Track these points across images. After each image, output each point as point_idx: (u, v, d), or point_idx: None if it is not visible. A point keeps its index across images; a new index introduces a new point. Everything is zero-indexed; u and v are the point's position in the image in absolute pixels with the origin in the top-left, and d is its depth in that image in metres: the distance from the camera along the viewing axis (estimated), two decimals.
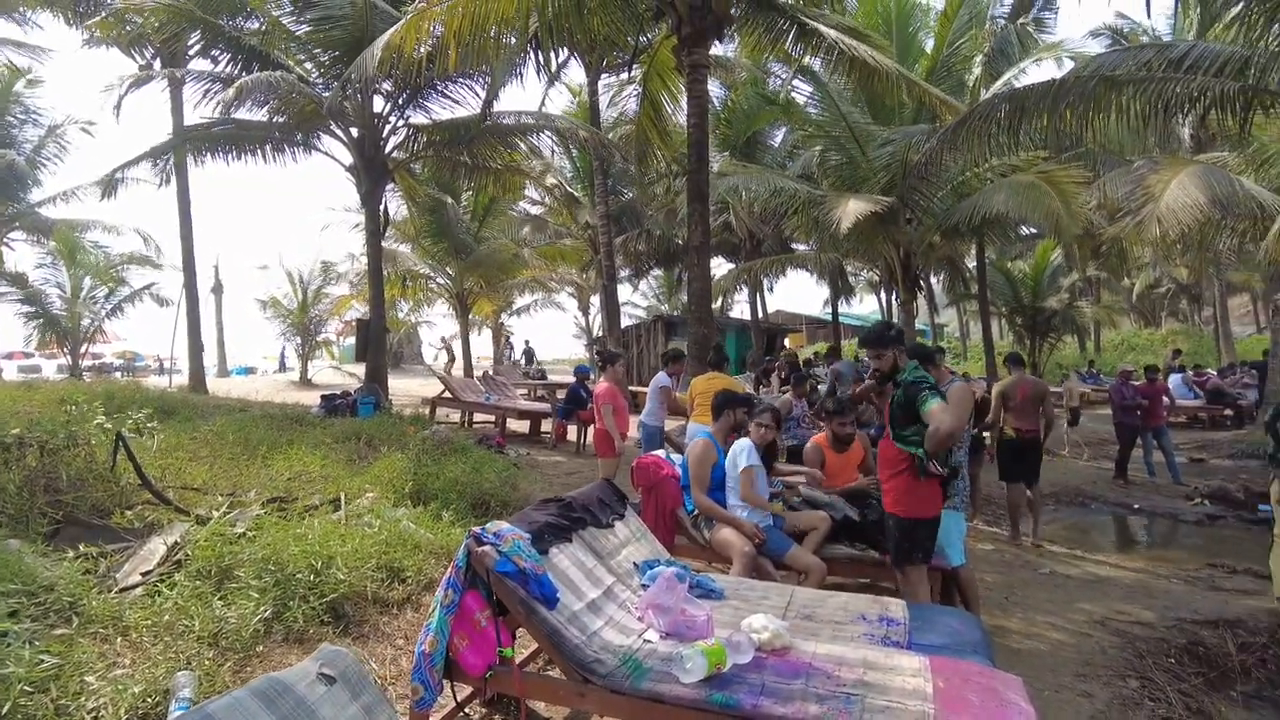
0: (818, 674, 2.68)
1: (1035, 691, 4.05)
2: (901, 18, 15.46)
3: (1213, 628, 5.29)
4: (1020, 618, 5.27)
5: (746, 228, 22.14)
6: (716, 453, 4.67)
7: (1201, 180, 9.09)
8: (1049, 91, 6.90)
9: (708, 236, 9.68)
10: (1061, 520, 9.66)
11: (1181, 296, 32.16)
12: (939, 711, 2.47)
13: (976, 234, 14.04)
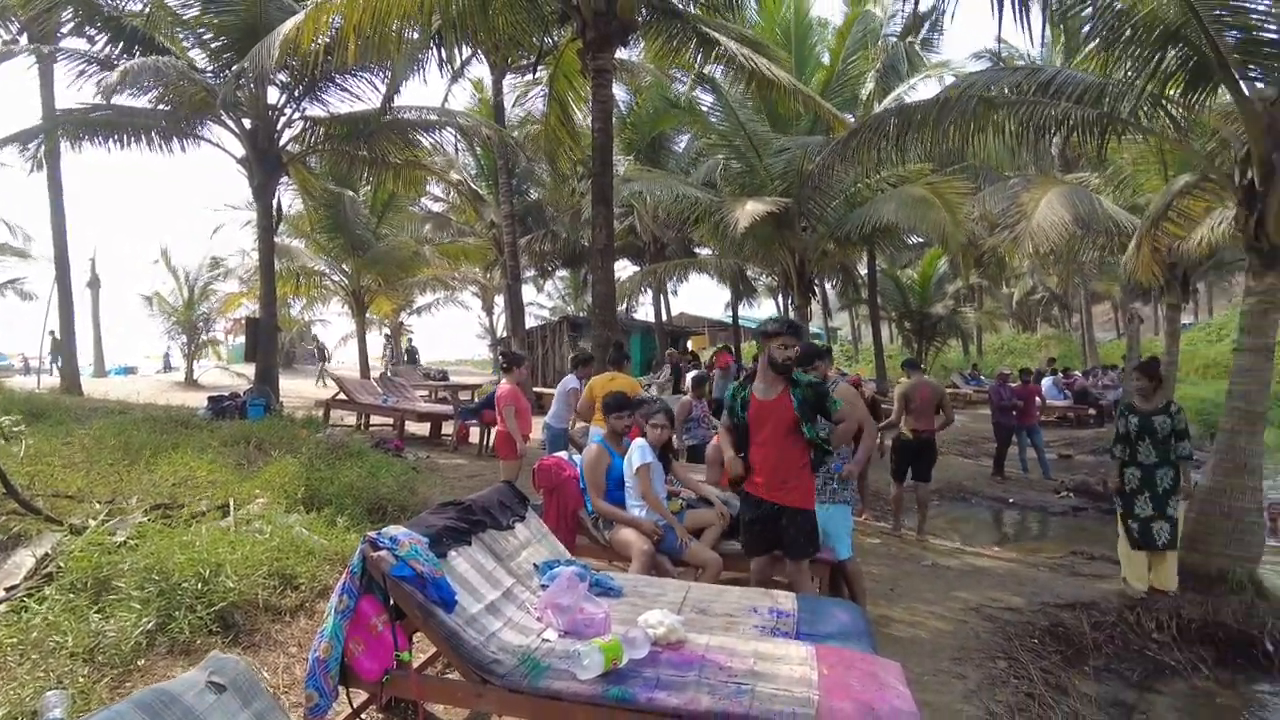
0: (710, 665, 2.79)
1: (915, 675, 4.31)
2: (800, 32, 16.03)
3: (1071, 610, 5.74)
4: (904, 607, 5.58)
5: (651, 231, 22.40)
6: (609, 455, 4.75)
7: (1067, 199, 9.83)
8: (934, 108, 7.27)
9: (612, 240, 9.78)
10: (944, 514, 10.23)
11: (1054, 304, 34.48)
12: (823, 696, 2.61)
13: (868, 242, 14.69)
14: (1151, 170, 10.85)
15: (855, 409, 4.79)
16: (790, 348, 4.17)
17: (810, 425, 4.16)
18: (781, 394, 4.17)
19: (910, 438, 8.14)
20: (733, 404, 4.31)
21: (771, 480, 4.18)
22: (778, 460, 4.18)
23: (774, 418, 4.16)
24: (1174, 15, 5.25)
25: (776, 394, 4.18)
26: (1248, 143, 5.78)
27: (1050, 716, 4.30)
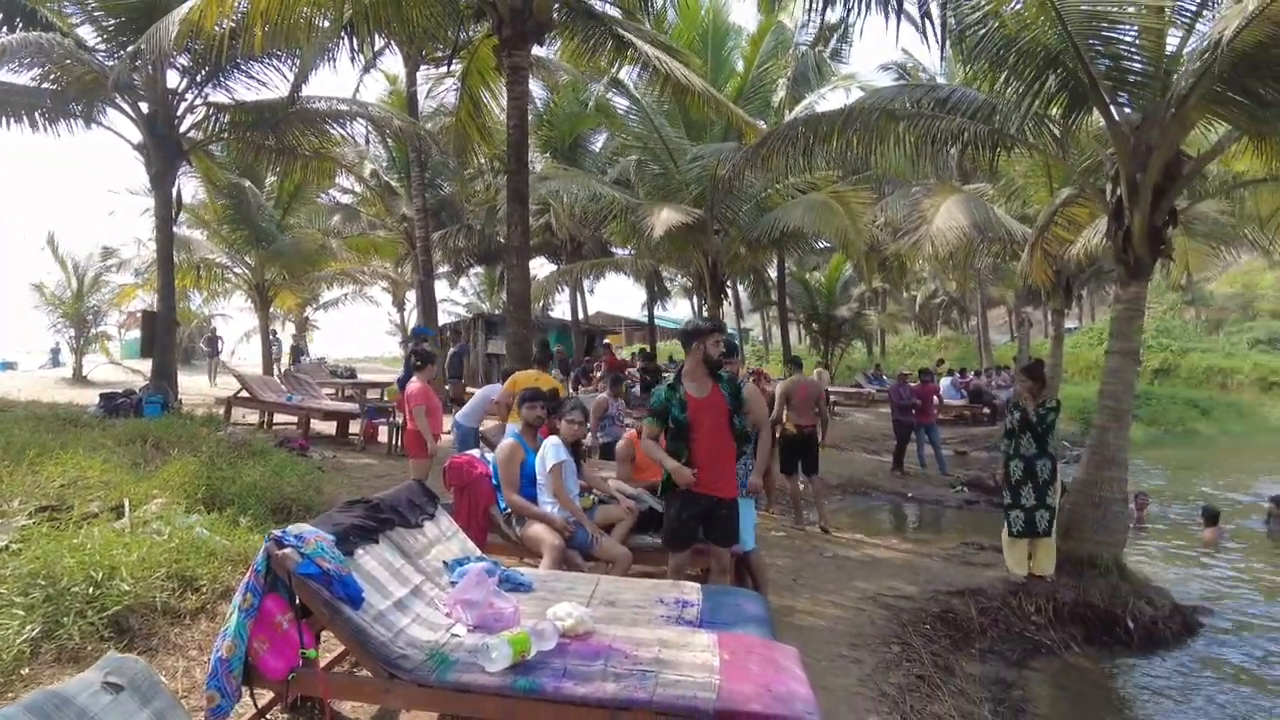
0: (617, 655, 2.89)
1: (814, 660, 4.52)
2: (717, 38, 16.34)
3: (961, 596, 6.11)
4: (806, 597, 5.82)
5: (568, 230, 22.40)
6: (524, 451, 4.81)
7: (964, 208, 10.40)
8: (839, 119, 7.59)
9: (527, 238, 9.78)
10: (847, 508, 10.65)
11: (953, 307, 36.18)
12: (723, 680, 2.74)
13: (777, 246, 15.10)
14: (1040, 183, 11.57)
15: (759, 408, 4.97)
16: (719, 344, 4.35)
17: (740, 417, 4.38)
18: (714, 390, 4.34)
19: (794, 433, 8.48)
20: (668, 406, 4.32)
21: (712, 474, 4.30)
22: (718, 454, 4.32)
23: (712, 413, 4.31)
24: (1054, 42, 5.66)
25: (709, 390, 4.33)
26: (1117, 163, 6.27)
27: (938, 695, 4.58)
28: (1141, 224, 6.10)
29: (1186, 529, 10.03)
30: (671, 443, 4.31)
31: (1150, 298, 41.76)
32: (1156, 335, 33.00)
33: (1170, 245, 6.68)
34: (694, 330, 4.37)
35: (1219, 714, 5.00)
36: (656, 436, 4.35)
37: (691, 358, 4.37)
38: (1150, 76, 5.78)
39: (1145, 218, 6.10)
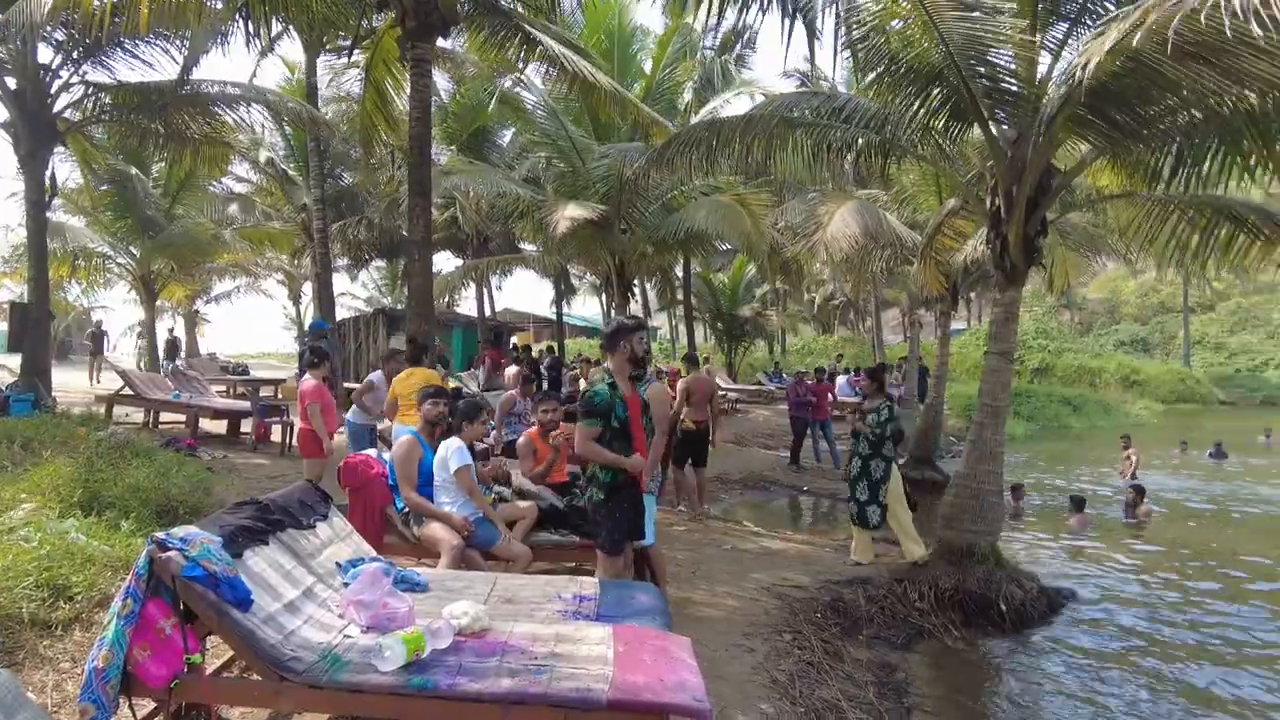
0: (513, 651, 2.93)
1: (709, 650, 4.67)
2: (624, 39, 16.45)
3: (850, 586, 6.41)
4: (704, 589, 5.98)
5: (474, 225, 22.06)
6: (422, 449, 4.78)
7: (856, 214, 10.85)
8: (740, 124, 7.78)
9: (430, 232, 9.63)
10: (746, 502, 10.96)
11: (850, 309, 37.56)
12: (617, 671, 2.82)
13: (683, 246, 15.34)
14: (929, 192, 12.17)
15: (661, 407, 5.06)
16: (644, 341, 4.43)
17: (648, 415, 4.49)
18: (633, 388, 4.42)
19: (691, 428, 8.75)
20: (611, 407, 4.29)
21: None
22: (645, 451, 4.41)
23: (636, 411, 4.38)
24: (937, 60, 5.98)
25: (632, 388, 4.41)
26: (995, 176, 6.69)
27: (826, 680, 4.80)
28: (1017, 233, 6.53)
29: (1057, 517, 10.77)
30: (616, 442, 4.29)
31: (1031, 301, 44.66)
32: (1036, 336, 35.18)
33: (1042, 253, 7.18)
34: (620, 328, 4.41)
35: (1074, 686, 5.44)
36: (598, 437, 4.29)
37: (620, 356, 4.38)
38: (1024, 97, 6.18)
39: (1020, 227, 6.53)
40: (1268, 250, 6.56)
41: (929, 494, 10.78)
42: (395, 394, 6.67)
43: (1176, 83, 5.10)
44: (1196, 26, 3.91)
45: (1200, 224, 6.77)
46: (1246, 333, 48.50)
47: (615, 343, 4.39)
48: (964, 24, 5.52)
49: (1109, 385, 32.57)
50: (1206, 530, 10.48)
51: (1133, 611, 7.06)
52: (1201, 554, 9.10)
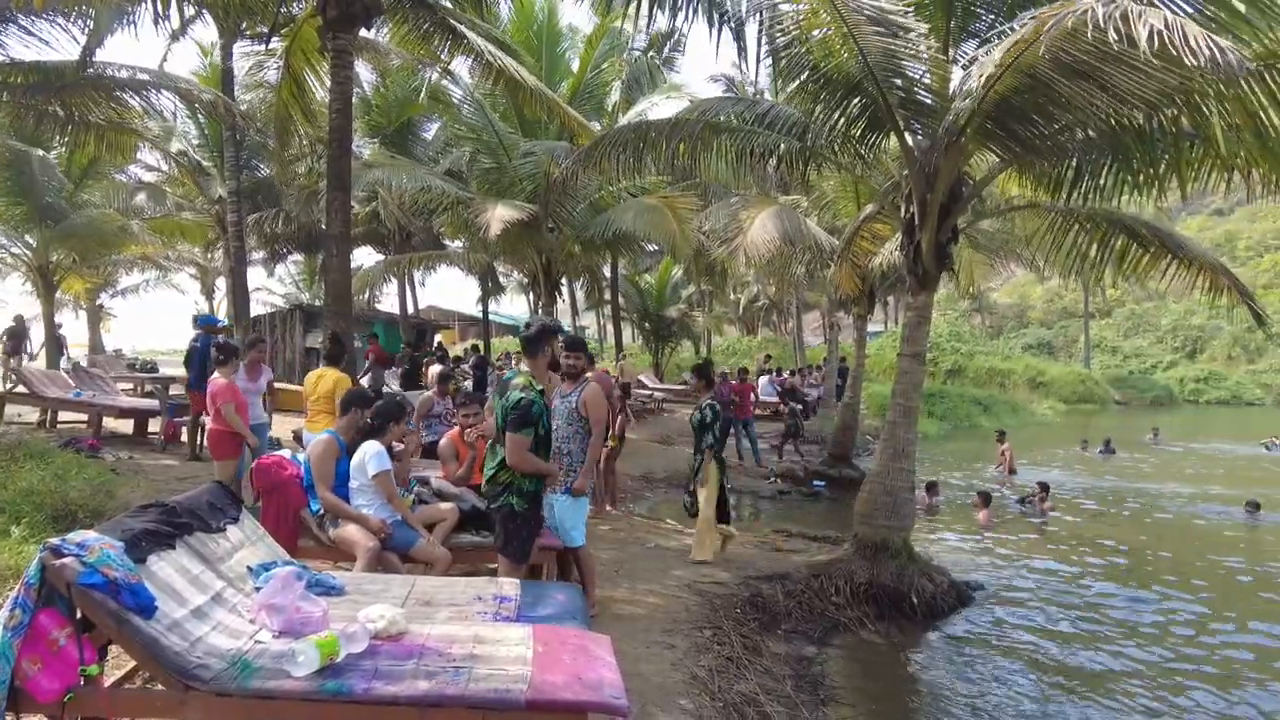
0: (430, 653, 2.90)
1: (630, 648, 4.71)
2: (552, 37, 16.40)
3: (770, 581, 6.55)
4: (626, 587, 6.02)
5: (397, 220, 21.60)
6: (340, 450, 4.68)
7: (777, 220, 11.10)
8: (666, 127, 7.88)
9: (348, 226, 9.41)
10: (671, 500, 11.06)
11: (773, 311, 38.31)
12: (535, 671, 2.82)
13: (611, 247, 15.38)
14: (848, 198, 12.52)
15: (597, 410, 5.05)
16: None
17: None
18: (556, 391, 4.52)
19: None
20: (541, 415, 4.26)
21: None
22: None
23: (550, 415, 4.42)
24: (855, 71, 6.18)
25: (553, 393, 4.52)
26: (910, 184, 6.94)
27: (745, 675, 4.90)
28: (929, 240, 6.79)
29: (967, 512, 11.23)
30: (539, 449, 4.27)
31: (944, 305, 46.23)
32: (949, 339, 36.60)
33: (954, 259, 7.49)
34: (544, 330, 4.37)
35: (982, 674, 5.70)
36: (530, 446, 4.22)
37: (541, 360, 4.36)
38: (937, 109, 6.44)
39: (933, 234, 6.79)
40: (1156, 261, 7.01)
41: (846, 491, 11.10)
42: (306, 394, 6.49)
43: (1070, 100, 5.40)
44: (1082, 45, 4.16)
45: (1098, 235, 7.19)
46: (1139, 337, 51.78)
47: (539, 346, 4.35)
48: (880, 38, 5.71)
49: (1017, 386, 34.15)
50: (1101, 523, 11.09)
51: (1036, 601, 7.44)
52: (1096, 545, 9.63)
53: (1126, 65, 4.64)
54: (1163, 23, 3.90)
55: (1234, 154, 5.79)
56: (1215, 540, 10.26)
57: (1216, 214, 59.70)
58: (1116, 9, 4.03)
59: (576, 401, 4.92)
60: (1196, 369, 47.18)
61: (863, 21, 5.62)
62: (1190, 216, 51.82)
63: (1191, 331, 50.05)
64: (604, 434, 5.24)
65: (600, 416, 5.01)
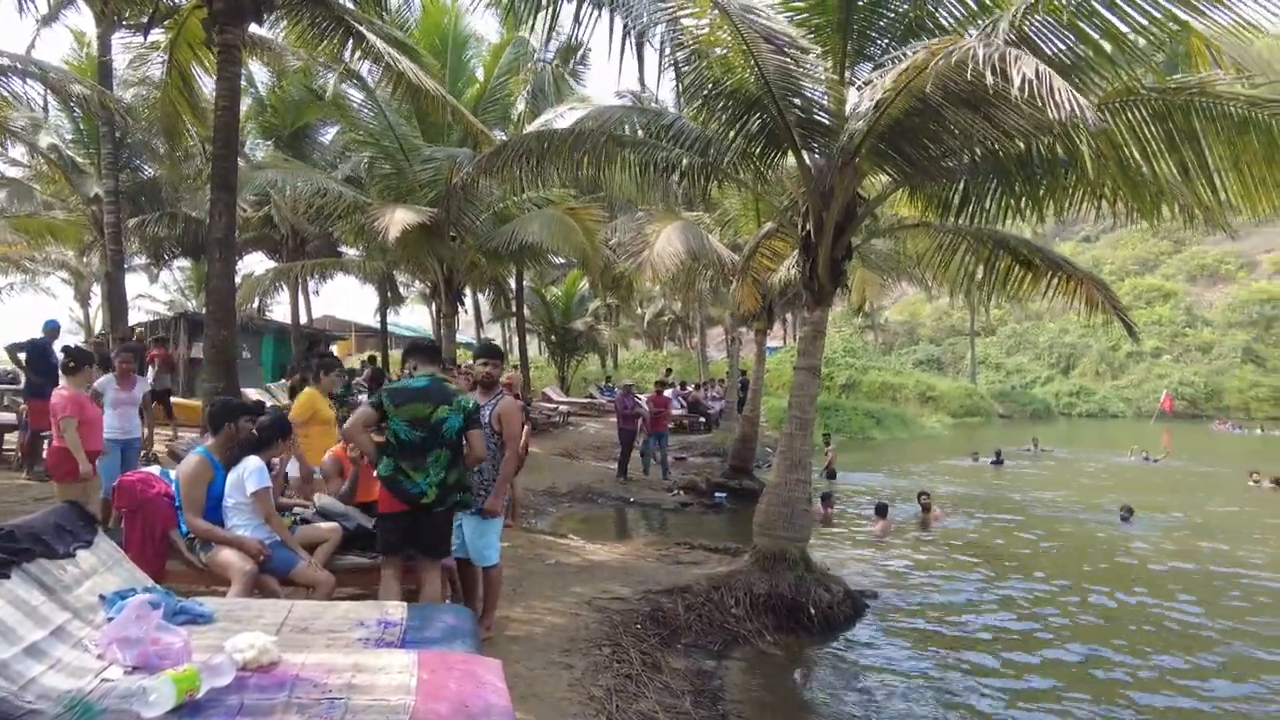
0: (304, 684, 2.70)
1: (525, 669, 4.57)
2: (458, 43, 16.08)
3: (670, 595, 6.50)
4: (523, 606, 5.86)
5: (291, 225, 20.73)
6: (213, 469, 4.37)
7: (681, 235, 11.20)
8: (569, 137, 7.80)
9: (233, 229, 8.98)
10: (573, 515, 10.94)
11: (678, 325, 38.76)
12: (419, 700, 2.66)
13: (516, 258, 15.19)
14: (749, 215, 12.77)
15: (512, 424, 4.92)
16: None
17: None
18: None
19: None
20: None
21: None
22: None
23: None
24: (755, 89, 6.28)
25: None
26: (807, 202, 7.10)
27: (644, 693, 4.82)
28: (825, 256, 6.95)
29: (863, 523, 11.54)
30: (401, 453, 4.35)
31: (840, 321, 48.00)
32: (844, 355, 37.93)
33: (848, 276, 7.69)
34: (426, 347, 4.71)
35: (876, 682, 5.81)
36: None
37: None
38: (833, 129, 6.61)
39: (828, 251, 6.96)
40: (1037, 281, 7.41)
41: (747, 502, 11.23)
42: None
43: (957, 126, 5.65)
44: (966, 78, 4.35)
45: (983, 255, 7.55)
46: (1020, 354, 55.27)
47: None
48: (779, 57, 5.82)
49: (908, 400, 35.63)
50: (991, 531, 11.59)
51: (929, 608, 7.66)
52: (987, 553, 10.05)
53: (1005, 100, 4.88)
54: (1034, 71, 4.12)
55: (1101, 182, 6.17)
56: (1095, 543, 10.88)
57: (1085, 241, 64.25)
58: (995, 51, 4.24)
59: (490, 415, 4.79)
60: (1070, 384, 50.77)
61: (762, 40, 5.72)
62: (1062, 242, 55.54)
63: (1065, 349, 53.78)
64: (518, 449, 5.13)
65: (515, 431, 4.91)
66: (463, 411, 4.32)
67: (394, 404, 4.26)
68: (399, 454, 4.24)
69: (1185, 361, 51.22)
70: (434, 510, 4.27)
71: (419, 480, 4.22)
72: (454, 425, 4.26)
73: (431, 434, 4.23)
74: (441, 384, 4.43)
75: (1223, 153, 5.44)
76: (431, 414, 4.23)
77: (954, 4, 6.39)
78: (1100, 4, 4.94)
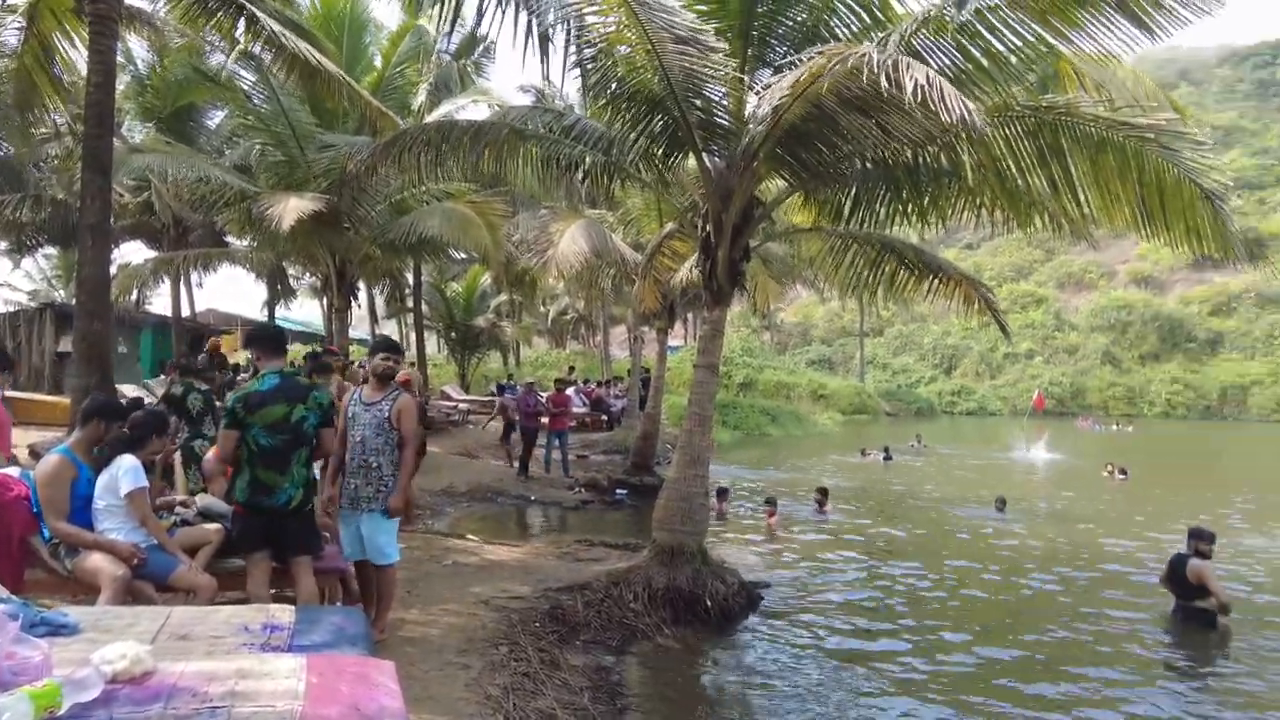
0: (181, 693, 2.56)
1: (420, 671, 4.49)
2: (355, 27, 15.52)
3: (569, 592, 6.50)
4: (419, 608, 5.75)
5: (172, 213, 19.53)
6: (76, 469, 4.08)
7: (586, 233, 11.22)
8: (470, 129, 7.69)
9: (108, 215, 8.39)
10: (472, 514, 10.79)
11: (581, 323, 38.75)
12: (307, 705, 2.57)
13: (414, 251, 14.82)
14: (652, 215, 12.90)
15: (408, 420, 4.79)
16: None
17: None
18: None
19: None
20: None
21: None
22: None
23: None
24: (659, 88, 6.35)
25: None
26: (707, 204, 7.23)
27: (542, 691, 4.81)
28: (724, 257, 7.10)
29: (756, 516, 11.83)
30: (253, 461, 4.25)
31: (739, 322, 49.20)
32: (742, 354, 38.92)
33: (746, 277, 7.88)
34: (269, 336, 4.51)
35: (770, 670, 5.98)
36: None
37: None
38: (733, 132, 6.76)
39: (727, 252, 7.11)
40: (920, 282, 7.80)
41: (648, 499, 11.34)
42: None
43: (850, 131, 5.89)
44: (861, 83, 4.54)
45: (871, 258, 7.88)
46: (906, 354, 58.23)
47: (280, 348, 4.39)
48: (682, 57, 5.90)
49: (801, 398, 36.89)
50: (879, 521, 12.10)
51: (820, 596, 7.94)
52: (875, 543, 10.49)
53: (897, 107, 5.13)
54: (925, 78, 4.34)
55: (981, 192, 6.56)
56: (973, 532, 11.51)
57: (967, 248, 68.12)
58: (889, 58, 4.45)
59: (389, 411, 4.64)
60: (952, 383, 53.93)
61: (667, 40, 5.79)
62: (946, 249, 58.76)
63: (947, 350, 57.03)
64: (417, 446, 5.02)
65: (413, 427, 4.77)
66: (319, 408, 4.18)
67: (248, 411, 4.04)
68: (259, 463, 4.04)
69: (1054, 363, 55.18)
70: (301, 511, 4.16)
71: (285, 487, 4.08)
72: (312, 423, 4.14)
73: (294, 436, 4.09)
74: (293, 379, 4.24)
75: (1085, 169, 5.87)
76: (290, 415, 4.07)
77: (849, 17, 6.65)
78: (981, 25, 5.26)
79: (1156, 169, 5.61)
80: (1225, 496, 15.51)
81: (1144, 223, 5.90)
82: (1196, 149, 5.65)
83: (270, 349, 4.28)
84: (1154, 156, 5.58)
